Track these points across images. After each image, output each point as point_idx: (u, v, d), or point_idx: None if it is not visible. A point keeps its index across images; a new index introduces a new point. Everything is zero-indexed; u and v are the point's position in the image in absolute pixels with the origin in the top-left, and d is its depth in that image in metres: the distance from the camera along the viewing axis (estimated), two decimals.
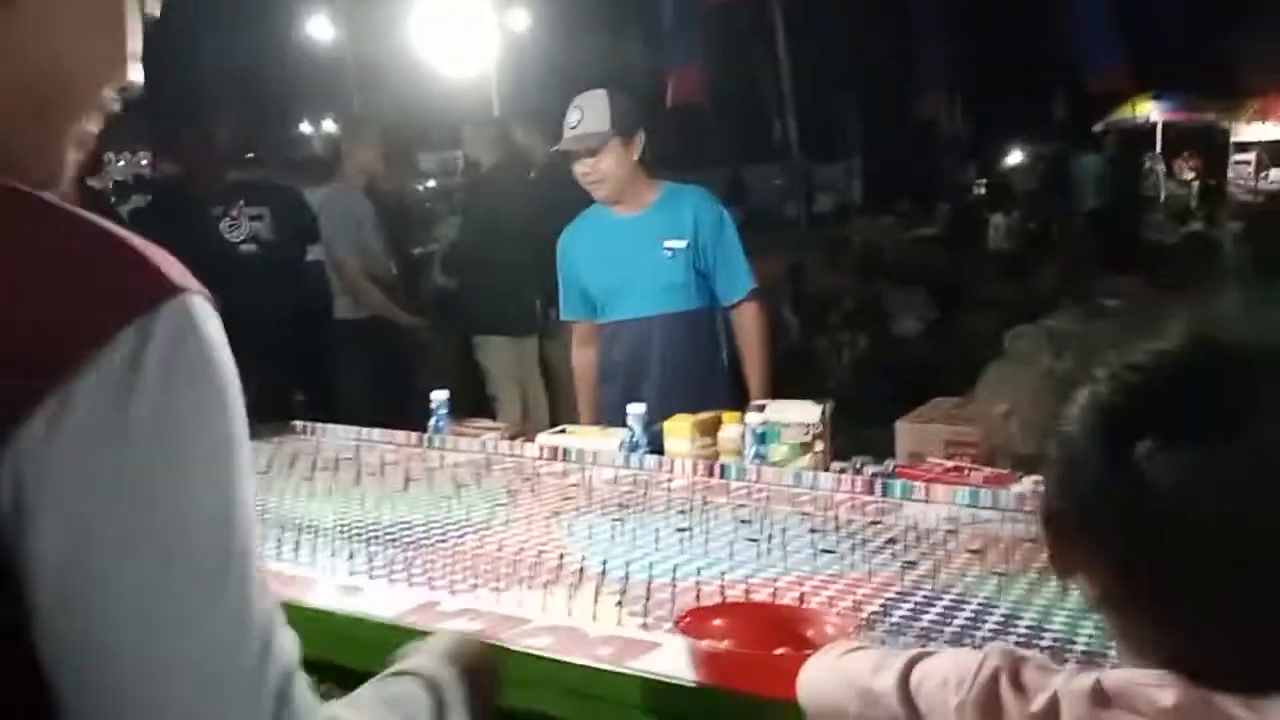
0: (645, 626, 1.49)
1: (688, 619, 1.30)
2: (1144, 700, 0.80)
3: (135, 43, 0.79)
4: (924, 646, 1.38)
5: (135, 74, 0.80)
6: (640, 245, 3.07)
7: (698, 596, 1.58)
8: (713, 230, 3.08)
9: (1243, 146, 15.98)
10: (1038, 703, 0.84)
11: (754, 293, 3.15)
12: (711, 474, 2.38)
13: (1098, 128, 13.87)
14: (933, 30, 15.67)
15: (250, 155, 4.99)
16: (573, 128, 3.02)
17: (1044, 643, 1.41)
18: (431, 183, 14.66)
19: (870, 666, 1.00)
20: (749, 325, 3.14)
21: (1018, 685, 0.86)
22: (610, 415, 3.09)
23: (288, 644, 0.70)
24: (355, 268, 4.69)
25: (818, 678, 1.09)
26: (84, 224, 0.70)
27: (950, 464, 2.39)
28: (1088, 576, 0.85)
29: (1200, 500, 0.78)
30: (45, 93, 0.75)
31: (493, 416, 3.94)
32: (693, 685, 1.26)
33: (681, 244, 3.05)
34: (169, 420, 0.65)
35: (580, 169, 3.05)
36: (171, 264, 0.69)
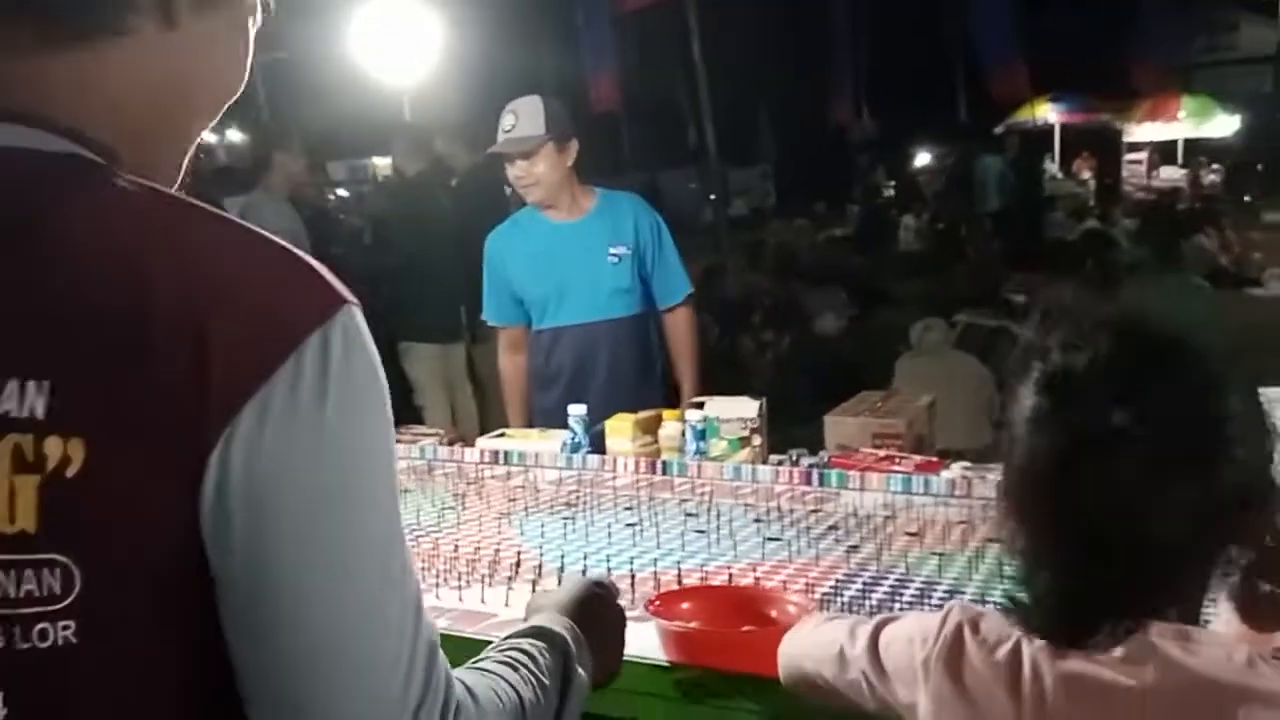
0: None
1: (657, 603, 1.35)
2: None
3: (245, 73, 0.85)
4: None
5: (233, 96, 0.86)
6: (583, 251, 3.11)
7: (657, 585, 1.63)
8: (652, 236, 3.14)
9: (1135, 146, 16.68)
10: (1001, 651, 0.91)
11: (689, 296, 3.22)
12: (654, 470, 2.44)
13: (999, 130, 14.32)
14: (842, 37, 16.03)
15: None
16: (507, 131, 3.04)
17: None
18: (342, 191, 14.46)
19: (845, 634, 1.06)
20: (683, 328, 3.22)
21: (979, 636, 0.93)
22: (549, 420, 3.11)
23: (431, 622, 0.76)
24: None
25: (796, 651, 1.15)
26: (257, 236, 0.75)
27: (881, 454, 2.48)
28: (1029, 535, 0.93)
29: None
30: (190, 108, 0.82)
31: (421, 424, 3.93)
32: (666, 664, 1.31)
33: (626, 250, 3.10)
34: (353, 420, 0.70)
35: (514, 172, 3.07)
36: (334, 277, 0.74)
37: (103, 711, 0.68)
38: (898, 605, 1.54)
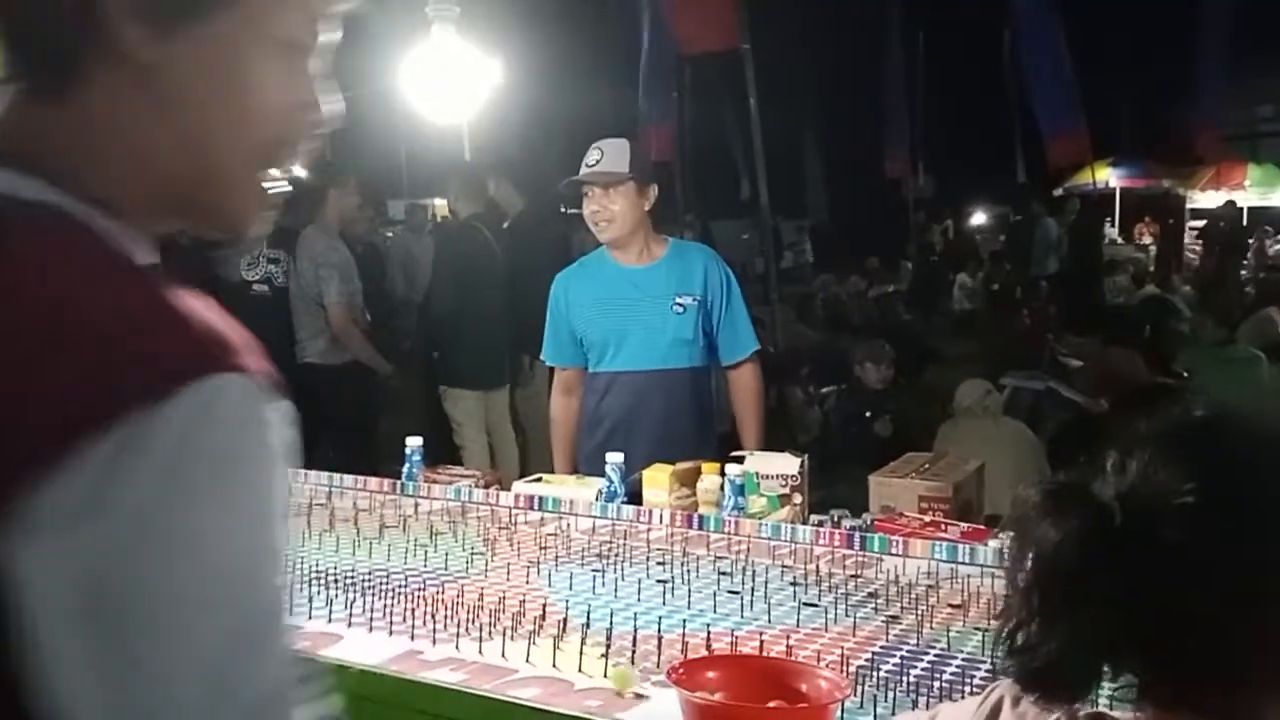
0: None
1: (680, 671, 1.28)
2: None
3: (306, 94, 0.80)
4: (913, 701, 1.38)
5: (328, 109, 0.82)
6: (649, 297, 3.06)
7: (684, 649, 1.56)
8: (721, 290, 3.10)
9: (1198, 214, 16.42)
10: None
11: (755, 353, 3.17)
12: (690, 524, 2.37)
13: (1058, 192, 14.19)
14: (900, 93, 16.05)
15: None
16: (591, 165, 3.04)
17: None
18: (399, 229, 14.66)
19: None
20: (748, 385, 3.16)
21: (1018, 710, 0.89)
22: (592, 464, 3.06)
23: None
24: (346, 312, 4.66)
25: None
26: (135, 275, 0.68)
27: (926, 518, 2.40)
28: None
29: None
30: (210, 145, 0.76)
31: (460, 464, 3.91)
32: None
33: (692, 301, 3.06)
34: (186, 489, 0.60)
35: (592, 206, 3.05)
36: (219, 340, 0.65)
37: None
38: (937, 683, 1.46)
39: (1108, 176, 14.88)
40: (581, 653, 1.53)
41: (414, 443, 2.81)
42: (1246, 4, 13.44)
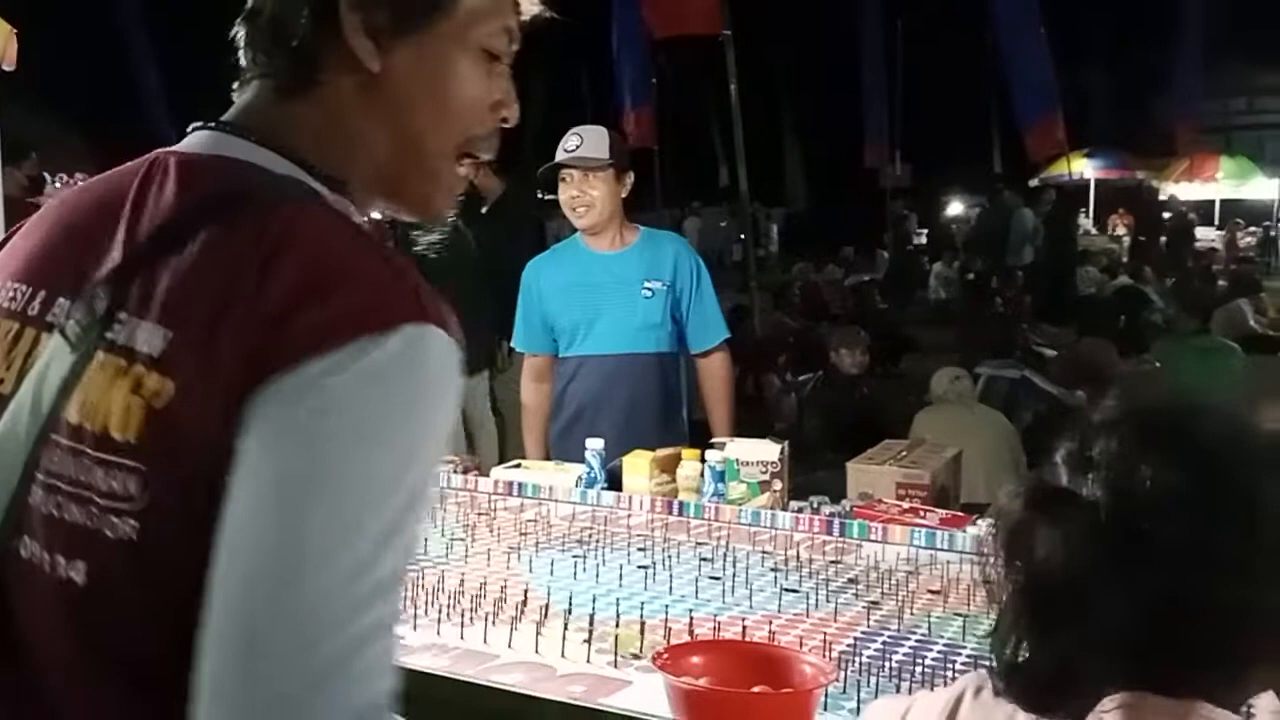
0: (614, 664, 1.47)
1: (666, 656, 1.28)
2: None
3: (498, 94, 0.95)
4: (895, 686, 1.39)
5: (508, 114, 0.96)
6: (619, 281, 3.07)
7: (667, 633, 1.56)
8: (691, 278, 3.11)
9: (1169, 205, 16.57)
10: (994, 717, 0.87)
11: (724, 342, 3.18)
12: (670, 511, 2.37)
13: (1034, 183, 14.27)
14: (878, 83, 16.07)
15: None
16: (570, 150, 3.04)
17: None
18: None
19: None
20: (717, 372, 3.17)
21: (978, 699, 0.90)
22: (560, 448, 3.08)
23: (386, 664, 0.76)
24: None
25: None
26: (367, 254, 0.84)
27: (904, 505, 2.41)
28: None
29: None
30: (411, 142, 0.92)
31: None
32: None
33: (661, 286, 3.07)
34: (377, 403, 0.76)
35: (569, 191, 3.05)
36: (434, 302, 0.82)
37: (149, 600, 0.80)
38: (918, 668, 1.47)
39: (1083, 167, 14.97)
40: (564, 638, 1.52)
41: None
42: None
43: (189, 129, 0.94)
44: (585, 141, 3.05)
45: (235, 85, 0.94)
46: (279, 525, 0.75)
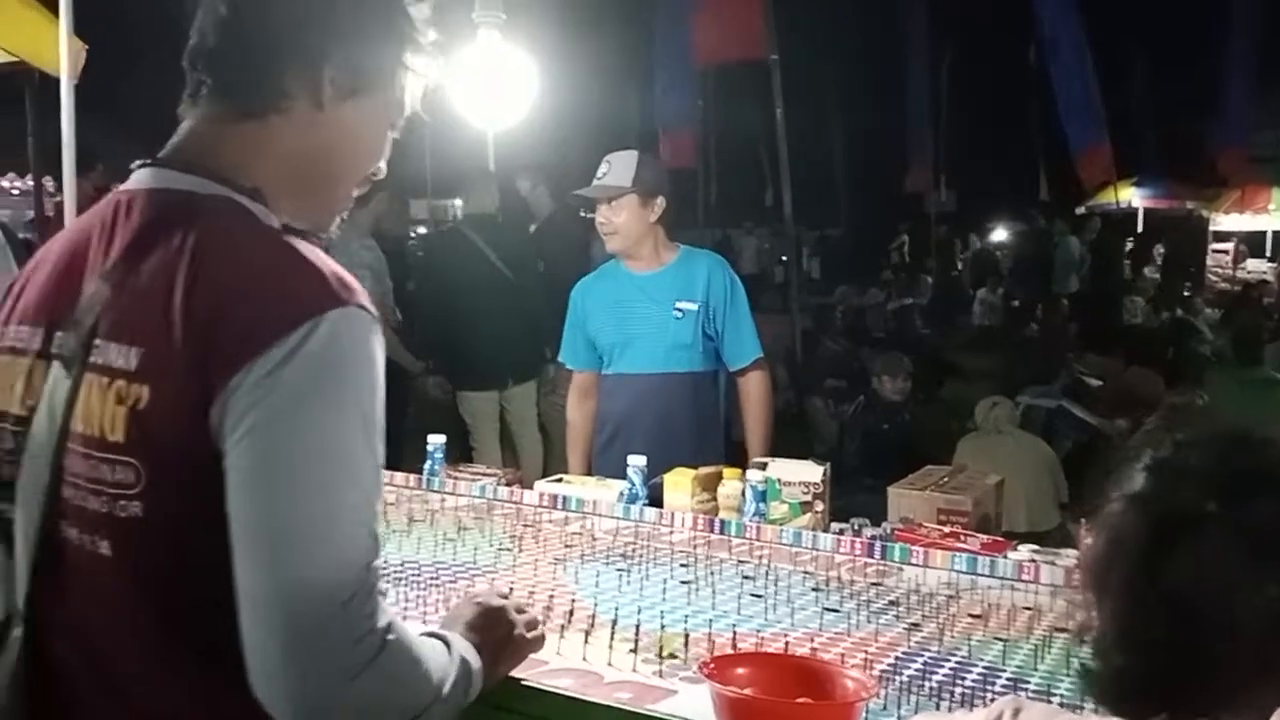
0: (660, 674, 1.51)
1: (712, 665, 1.32)
2: None
3: (386, 152, 1.22)
4: (935, 704, 1.41)
5: (382, 168, 1.23)
6: (652, 302, 3.15)
7: (712, 647, 1.60)
8: (724, 296, 3.16)
9: (1221, 236, 16.34)
10: None
11: (759, 360, 3.22)
12: (711, 529, 2.40)
13: (1080, 210, 14.14)
14: (924, 107, 16.04)
15: None
16: (598, 178, 3.15)
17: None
18: (423, 229, 14.75)
19: None
20: (753, 391, 3.21)
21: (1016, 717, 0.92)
22: (600, 464, 3.14)
23: (376, 568, 1.02)
24: (379, 311, 4.67)
25: None
26: (288, 254, 1.04)
27: (946, 530, 2.42)
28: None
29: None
30: (334, 171, 1.18)
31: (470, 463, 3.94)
32: None
33: (692, 306, 3.12)
34: (314, 393, 0.98)
35: (599, 217, 3.17)
36: (345, 287, 1.03)
37: (164, 562, 1.03)
38: (959, 689, 1.49)
39: (1130, 196, 14.82)
40: (611, 647, 1.57)
41: (436, 440, 2.84)
42: (1274, 24, 13.39)
43: (131, 166, 1.14)
44: (611, 170, 3.14)
45: (183, 103, 1.14)
46: (272, 506, 0.97)
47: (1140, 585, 0.89)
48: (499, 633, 1.33)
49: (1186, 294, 11.71)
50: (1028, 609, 1.88)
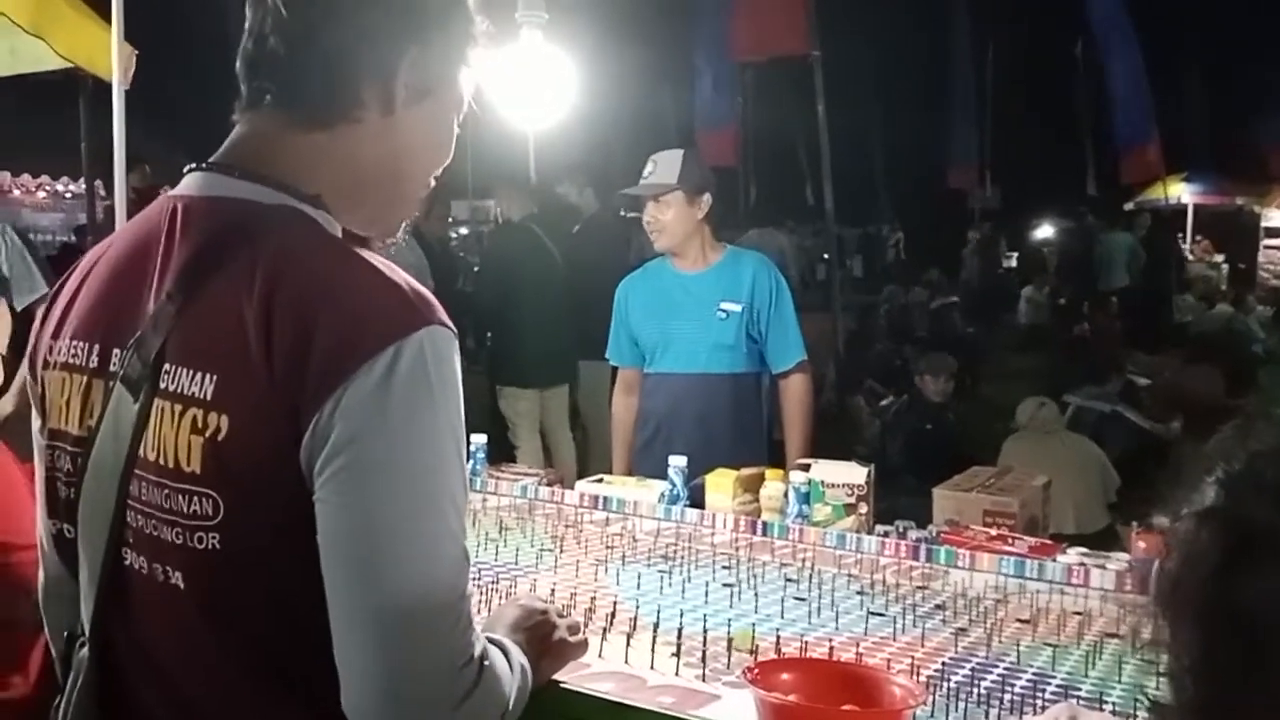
0: (703, 678, 1.50)
1: (756, 671, 1.30)
2: None
3: (452, 147, 1.18)
4: (984, 712, 1.39)
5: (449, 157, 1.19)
6: (696, 302, 3.14)
7: (754, 651, 1.58)
8: (769, 298, 3.14)
9: (1272, 232, 16.01)
10: None
11: (803, 363, 3.20)
12: (753, 531, 2.38)
13: (1129, 206, 13.92)
14: (968, 104, 15.86)
15: None
16: (645, 177, 3.16)
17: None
18: (464, 230, 14.84)
19: None
20: (795, 394, 3.20)
21: None
22: (640, 463, 3.13)
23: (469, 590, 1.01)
24: None
25: None
26: (369, 273, 1.01)
27: (993, 532, 2.39)
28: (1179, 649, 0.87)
29: None
30: (404, 176, 1.14)
31: (513, 462, 3.95)
32: None
33: (736, 307, 3.11)
34: (406, 413, 0.96)
35: (646, 216, 3.18)
36: (426, 304, 1.00)
37: (240, 594, 1.00)
38: (1008, 696, 1.46)
39: (1180, 192, 14.57)
40: (653, 650, 1.55)
41: (478, 440, 2.85)
42: None
43: (184, 170, 1.10)
44: (657, 168, 3.15)
45: (237, 110, 1.10)
46: (371, 533, 0.95)
47: (1215, 610, 0.85)
48: (543, 633, 1.33)
49: (1238, 291, 11.47)
50: (1078, 614, 1.85)
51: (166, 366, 1.01)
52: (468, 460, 2.84)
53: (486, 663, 1.01)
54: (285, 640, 0.99)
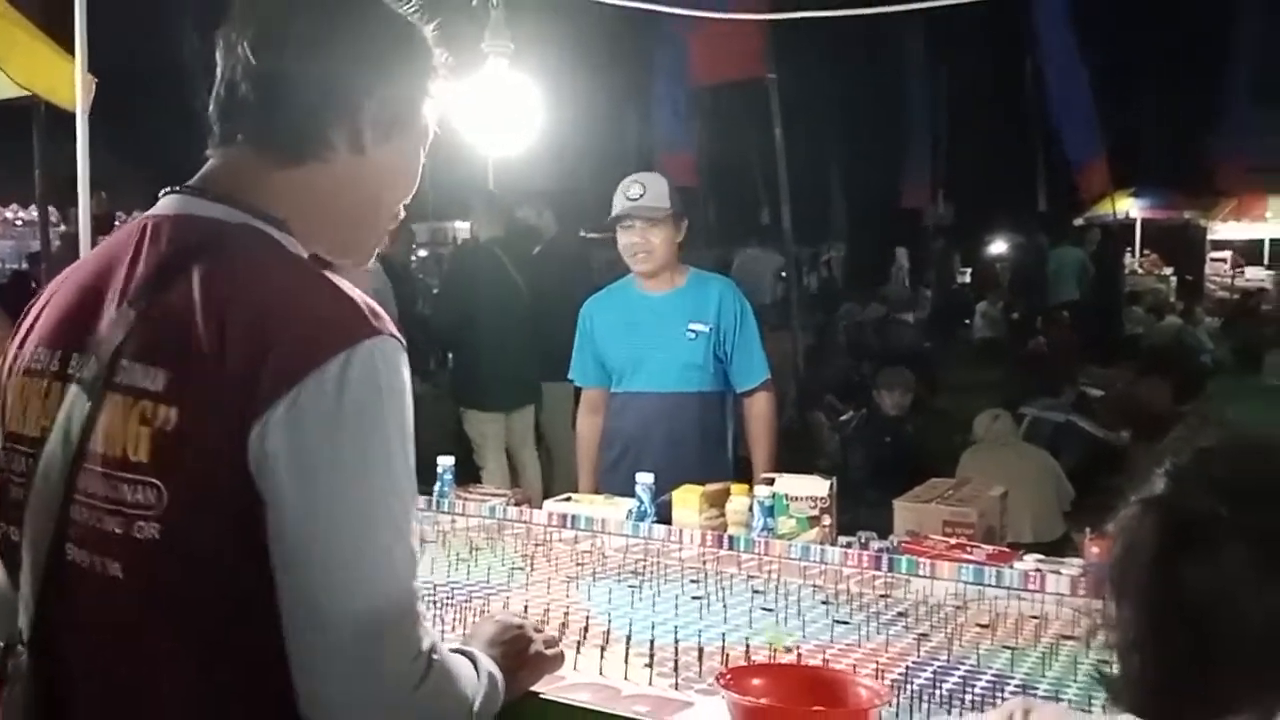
0: (676, 687, 1.54)
1: (729, 676, 1.35)
2: None
3: (420, 171, 1.24)
4: (947, 711, 1.44)
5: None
6: (664, 323, 3.18)
7: (725, 660, 1.63)
8: (735, 320, 3.20)
9: (1219, 245, 16.41)
10: None
11: (767, 381, 3.26)
12: (720, 544, 2.43)
13: (1079, 222, 14.21)
14: (922, 121, 16.12)
15: None
16: (634, 199, 3.14)
17: None
18: (423, 252, 14.80)
19: None
20: (759, 411, 3.26)
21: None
22: (607, 482, 3.16)
23: (415, 589, 1.05)
24: None
25: None
26: (321, 285, 1.06)
27: (952, 541, 2.45)
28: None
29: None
30: (376, 209, 1.21)
31: (478, 483, 3.96)
32: None
33: (704, 328, 3.16)
34: (354, 421, 1.00)
35: (632, 238, 3.16)
36: (374, 316, 1.04)
37: (182, 588, 1.02)
38: (969, 696, 1.52)
39: (1129, 206, 14.89)
40: (627, 661, 1.59)
41: (445, 462, 2.87)
42: (1271, 34, 13.48)
43: (160, 194, 1.15)
44: (648, 191, 3.15)
45: (210, 147, 1.16)
46: (319, 532, 0.99)
47: (1155, 589, 0.92)
48: (519, 648, 1.37)
49: (1186, 303, 11.74)
50: (1034, 618, 1.91)
51: (122, 363, 1.04)
52: (435, 482, 2.90)
53: (436, 656, 1.05)
54: (231, 637, 1.02)
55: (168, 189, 1.14)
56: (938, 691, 1.53)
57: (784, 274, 9.81)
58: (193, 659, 1.02)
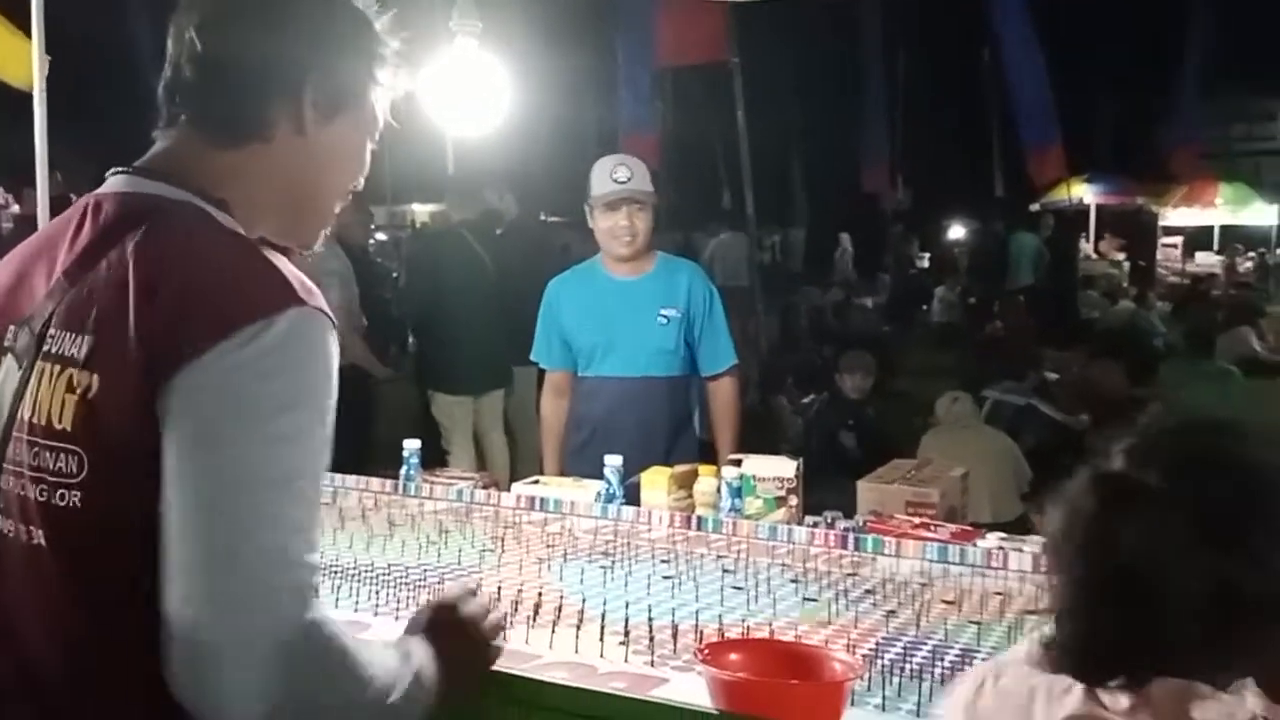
0: (652, 664, 1.56)
1: (706, 651, 1.37)
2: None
3: (366, 164, 1.26)
4: (917, 684, 1.48)
5: (362, 179, 1.26)
6: (635, 308, 3.18)
7: (699, 637, 1.65)
8: (704, 305, 3.21)
9: (1171, 230, 16.70)
10: (1013, 692, 0.97)
11: (734, 366, 3.28)
12: (689, 525, 2.45)
13: (1034, 207, 14.39)
14: (880, 107, 16.21)
15: None
16: (622, 182, 3.13)
17: None
18: (381, 235, 14.68)
19: None
20: (725, 396, 3.28)
21: (999, 682, 1.01)
22: (575, 465, 3.16)
23: (313, 564, 1.01)
24: (346, 318, 4.68)
25: None
26: (247, 256, 1.07)
27: (917, 521, 2.49)
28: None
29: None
30: (318, 192, 1.22)
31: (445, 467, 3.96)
32: (715, 712, 1.33)
33: (675, 313, 3.17)
34: (264, 386, 0.99)
35: (619, 220, 3.15)
36: (301, 287, 1.04)
37: (102, 557, 1.02)
38: (939, 669, 1.55)
39: (1083, 192, 15.10)
40: (602, 640, 1.61)
41: (412, 445, 2.86)
42: (1223, 25, 13.71)
43: (107, 174, 1.16)
44: (635, 174, 3.14)
45: (157, 129, 1.17)
46: (206, 494, 0.97)
47: (1093, 554, 0.98)
48: (458, 638, 1.28)
49: (1139, 288, 11.95)
50: (998, 594, 1.96)
51: (51, 332, 1.06)
52: (402, 466, 2.89)
53: (328, 630, 0.99)
54: (152, 607, 0.98)
55: (114, 169, 1.16)
56: (908, 665, 1.57)
57: (762, 258, 9.85)
58: (105, 629, 1.01)
